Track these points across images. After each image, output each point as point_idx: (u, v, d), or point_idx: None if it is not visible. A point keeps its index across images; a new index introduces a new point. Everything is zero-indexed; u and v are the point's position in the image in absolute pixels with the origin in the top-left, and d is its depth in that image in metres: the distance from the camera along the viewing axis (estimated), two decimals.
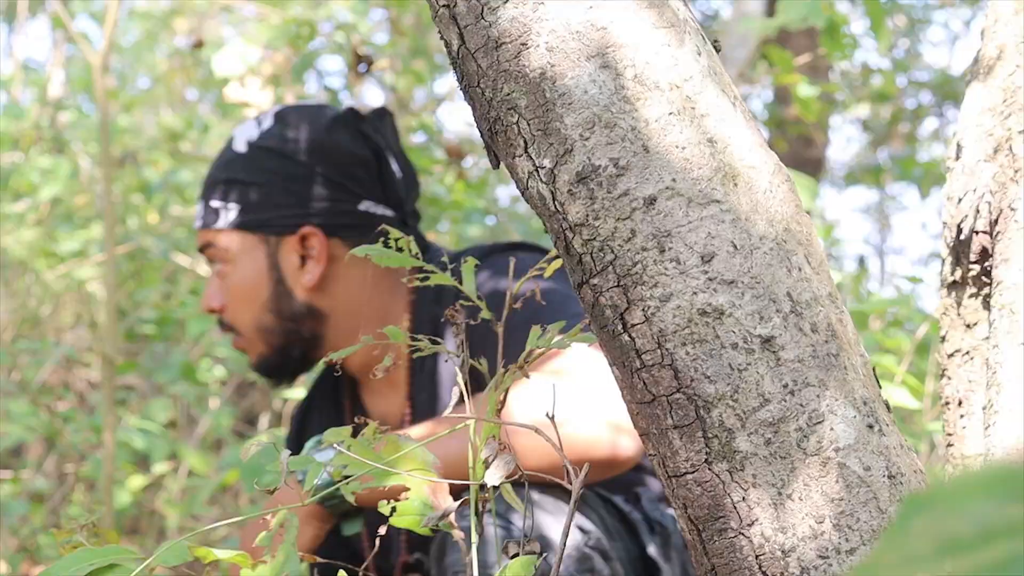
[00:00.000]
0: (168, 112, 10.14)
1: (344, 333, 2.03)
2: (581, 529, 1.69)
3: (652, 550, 1.83)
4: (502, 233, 4.93)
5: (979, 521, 0.40)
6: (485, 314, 1.26)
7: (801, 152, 6.43)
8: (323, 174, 2.02)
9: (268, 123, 2.05)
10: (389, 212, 2.05)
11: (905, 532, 0.42)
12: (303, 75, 3.06)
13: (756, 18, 2.85)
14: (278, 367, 2.08)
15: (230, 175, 2.03)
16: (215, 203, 2.03)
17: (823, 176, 7.00)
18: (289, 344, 2.03)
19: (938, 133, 8.49)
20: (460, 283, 1.31)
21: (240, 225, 2.02)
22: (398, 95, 3.11)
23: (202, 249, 2.06)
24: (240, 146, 2.04)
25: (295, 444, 2.22)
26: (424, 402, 2.02)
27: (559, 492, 1.69)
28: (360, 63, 2.93)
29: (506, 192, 5.89)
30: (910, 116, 7.80)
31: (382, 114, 2.13)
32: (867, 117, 8.19)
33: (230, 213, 2.02)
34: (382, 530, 1.29)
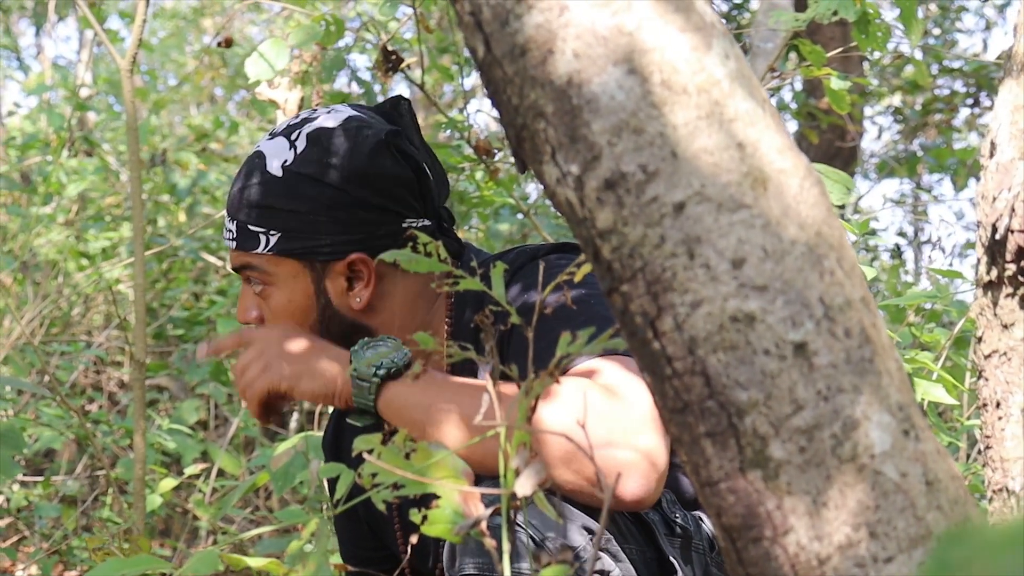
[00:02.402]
0: (195, 111, 10.18)
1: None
2: (588, 530, 1.67)
3: (669, 552, 1.80)
4: (531, 229, 4.92)
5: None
6: (514, 319, 1.25)
7: (834, 143, 6.39)
8: (367, 200, 1.97)
9: (303, 145, 1.98)
10: (428, 223, 2.03)
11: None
12: (334, 73, 3.05)
13: (786, 11, 2.82)
14: None
15: (268, 201, 1.97)
16: (254, 227, 1.98)
17: (856, 167, 6.95)
18: None
19: (973, 122, 8.43)
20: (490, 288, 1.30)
21: (284, 251, 1.97)
22: (426, 92, 3.10)
23: (238, 268, 2.02)
24: (275, 169, 1.98)
25: (332, 453, 2.22)
26: None
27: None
28: (388, 60, 2.92)
29: (536, 188, 5.88)
30: (944, 105, 7.74)
31: (397, 102, 2.10)
32: (899, 106, 8.14)
33: (271, 239, 1.97)
34: (413, 539, 1.28)
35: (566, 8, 1.02)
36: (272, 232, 1.96)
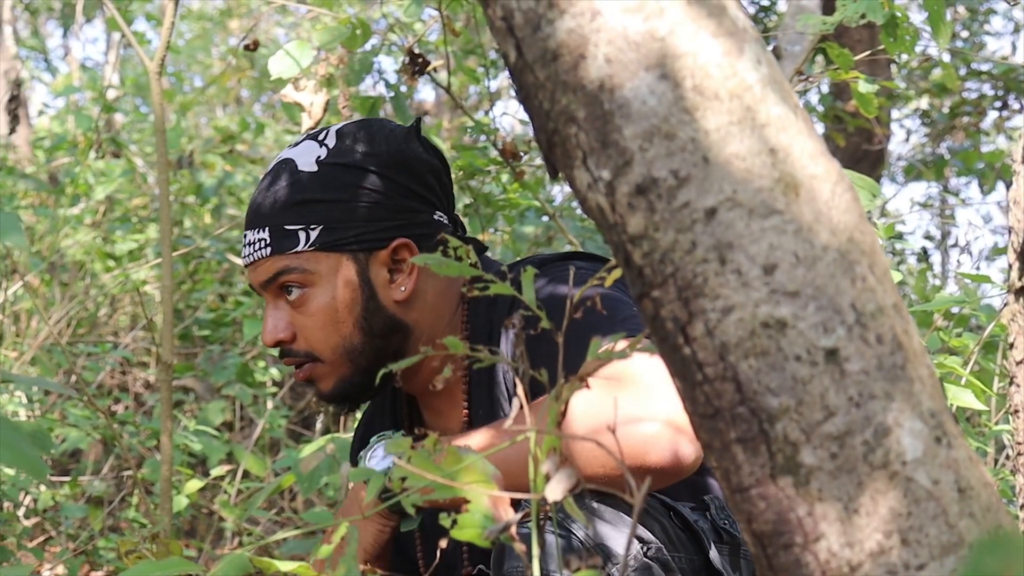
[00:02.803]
0: (221, 113, 10.20)
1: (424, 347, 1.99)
2: (640, 539, 1.66)
3: (718, 560, 1.80)
4: (557, 232, 4.92)
5: None
6: (545, 324, 1.25)
7: (861, 146, 6.36)
8: (404, 185, 1.98)
9: (333, 141, 1.99)
10: (446, 220, 2.04)
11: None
12: (361, 76, 3.05)
13: (813, 14, 2.82)
14: (360, 389, 2.01)
15: (305, 195, 1.96)
16: (291, 226, 1.96)
17: (883, 170, 6.93)
18: (376, 363, 1.94)
19: (1001, 125, 8.38)
20: (519, 292, 1.30)
21: (326, 244, 1.96)
22: (452, 94, 3.10)
23: (270, 280, 1.98)
24: (309, 166, 1.97)
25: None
26: (482, 418, 2.00)
27: (620, 501, 1.67)
28: (415, 64, 2.92)
29: (561, 191, 5.87)
30: (972, 108, 7.70)
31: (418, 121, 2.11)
32: (927, 109, 8.10)
33: (312, 234, 1.95)
34: (443, 543, 1.28)
35: (598, 13, 1.02)
36: (312, 226, 1.95)
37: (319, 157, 1.97)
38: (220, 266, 5.77)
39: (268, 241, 1.97)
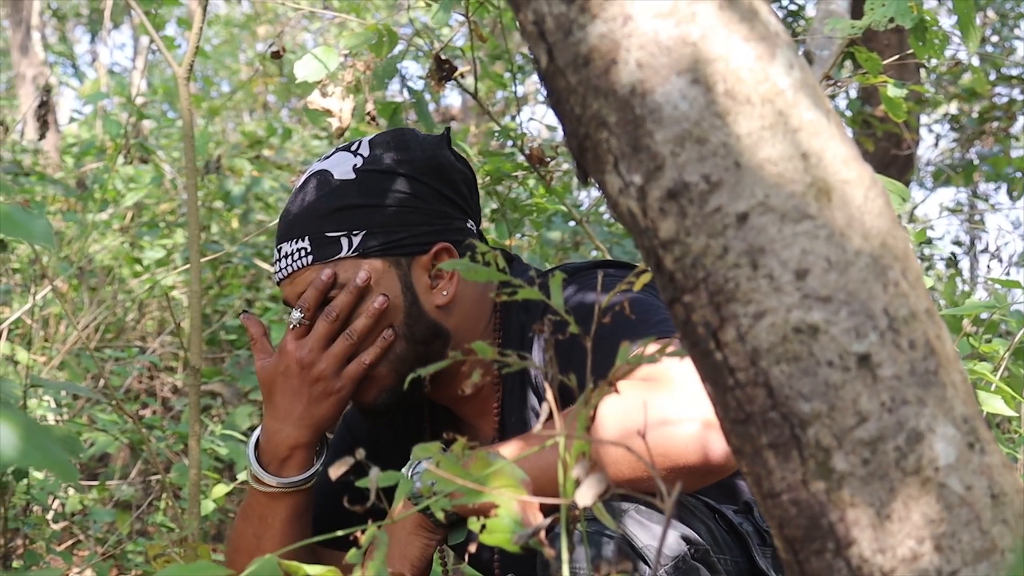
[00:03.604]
0: (248, 118, 10.23)
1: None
2: (687, 540, 1.66)
3: (762, 563, 1.79)
4: (584, 237, 4.92)
5: None
6: (573, 328, 1.25)
7: (889, 151, 6.34)
8: (440, 191, 1.98)
9: (366, 150, 1.99)
10: (475, 230, 2.04)
11: None
12: (385, 81, 3.05)
13: (842, 18, 2.81)
14: (400, 398, 1.98)
15: (346, 202, 1.95)
16: (332, 233, 1.94)
17: (912, 175, 6.90)
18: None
19: None
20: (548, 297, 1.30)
21: (369, 249, 1.95)
22: (479, 100, 3.10)
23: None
24: (346, 174, 1.97)
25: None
26: (514, 426, 2.00)
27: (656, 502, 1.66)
28: (442, 69, 2.92)
29: (587, 196, 5.87)
30: (1001, 113, 7.66)
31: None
32: (956, 113, 8.07)
33: (354, 240, 1.94)
34: (472, 548, 1.28)
35: (630, 18, 1.02)
36: (355, 232, 1.94)
37: (355, 165, 1.97)
38: (247, 271, 5.79)
39: (309, 249, 1.95)
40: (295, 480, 2.01)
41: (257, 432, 2.06)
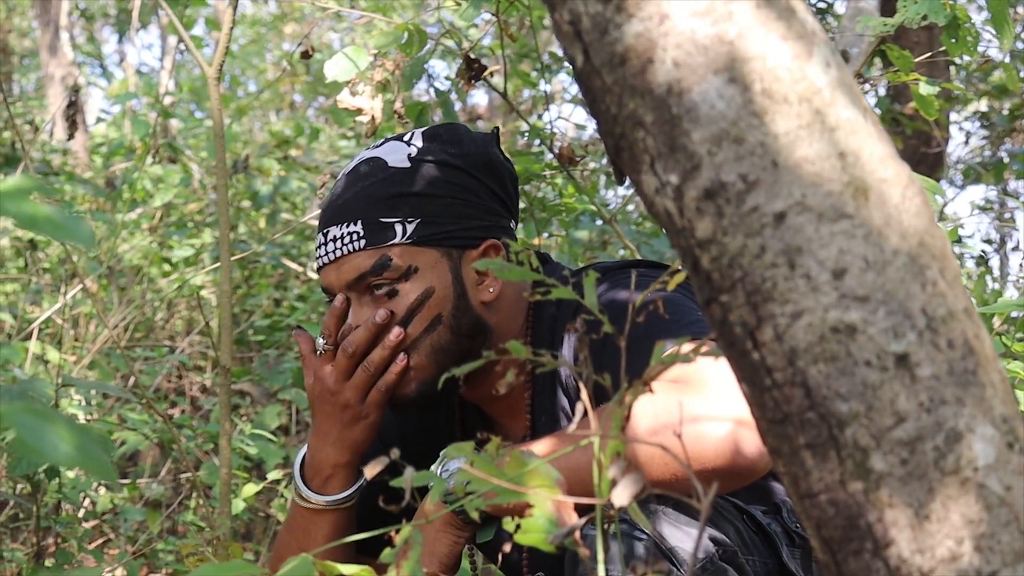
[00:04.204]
0: (275, 117, 10.26)
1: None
2: (715, 541, 1.65)
3: (791, 563, 1.79)
4: (612, 236, 4.91)
5: None
6: (608, 327, 1.24)
7: (919, 149, 6.31)
8: (490, 187, 1.98)
9: (420, 141, 1.98)
10: (514, 228, 2.04)
11: None
12: (413, 81, 3.06)
13: (873, 16, 2.80)
14: (434, 392, 1.97)
15: (402, 189, 1.94)
16: (387, 219, 1.93)
17: (942, 173, 6.87)
18: (459, 365, 1.92)
19: None
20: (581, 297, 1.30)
21: (423, 238, 1.94)
22: (508, 99, 3.10)
23: (361, 277, 1.95)
24: (401, 162, 1.96)
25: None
26: (544, 425, 1.99)
27: (687, 504, 1.66)
28: (472, 69, 2.92)
29: (615, 195, 5.86)
30: None
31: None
32: (986, 111, 8.02)
33: (409, 227, 1.93)
34: (506, 548, 1.28)
35: (666, 17, 1.02)
36: (410, 220, 1.93)
37: (410, 154, 1.97)
38: (275, 271, 5.80)
39: (361, 233, 1.94)
40: (336, 498, 2.04)
41: (303, 449, 2.08)
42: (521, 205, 3.70)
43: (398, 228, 1.92)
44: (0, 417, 0.88)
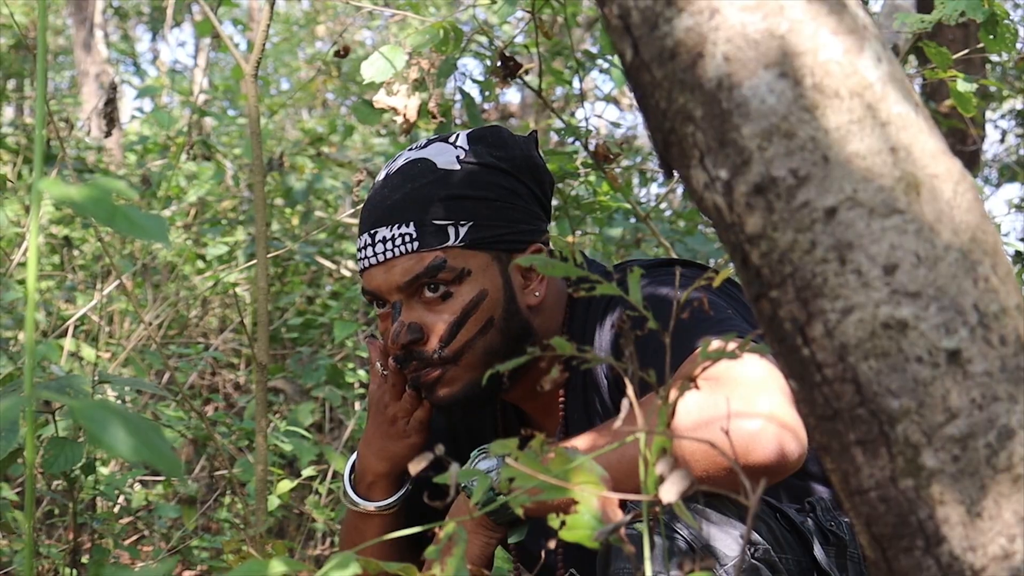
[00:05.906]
0: (307, 115, 10.28)
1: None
2: (748, 540, 1.65)
3: (825, 561, 1.78)
4: (646, 234, 4.90)
5: None
6: (652, 324, 1.24)
7: (955, 147, 6.29)
8: (534, 191, 1.99)
9: (466, 144, 1.98)
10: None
11: None
12: (445, 79, 3.06)
13: (909, 13, 2.78)
14: (484, 393, 1.96)
15: (454, 191, 1.93)
16: (440, 221, 1.92)
17: (977, 172, 6.84)
18: None
19: None
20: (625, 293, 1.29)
21: (475, 241, 1.93)
22: (543, 97, 3.10)
23: (415, 279, 1.93)
24: (450, 164, 1.95)
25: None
26: (576, 423, 1.99)
27: (724, 501, 1.65)
28: (506, 67, 2.92)
29: (648, 193, 5.85)
30: None
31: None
32: (1022, 109, 7.99)
33: (462, 230, 1.92)
34: (551, 543, 1.28)
35: (716, 11, 1.01)
36: (462, 222, 1.93)
37: (458, 156, 1.96)
38: (308, 268, 5.80)
39: (414, 235, 1.92)
40: (379, 504, 2.10)
41: (354, 455, 2.14)
42: (554, 203, 3.70)
43: (451, 231, 1.92)
44: (72, 412, 0.89)
